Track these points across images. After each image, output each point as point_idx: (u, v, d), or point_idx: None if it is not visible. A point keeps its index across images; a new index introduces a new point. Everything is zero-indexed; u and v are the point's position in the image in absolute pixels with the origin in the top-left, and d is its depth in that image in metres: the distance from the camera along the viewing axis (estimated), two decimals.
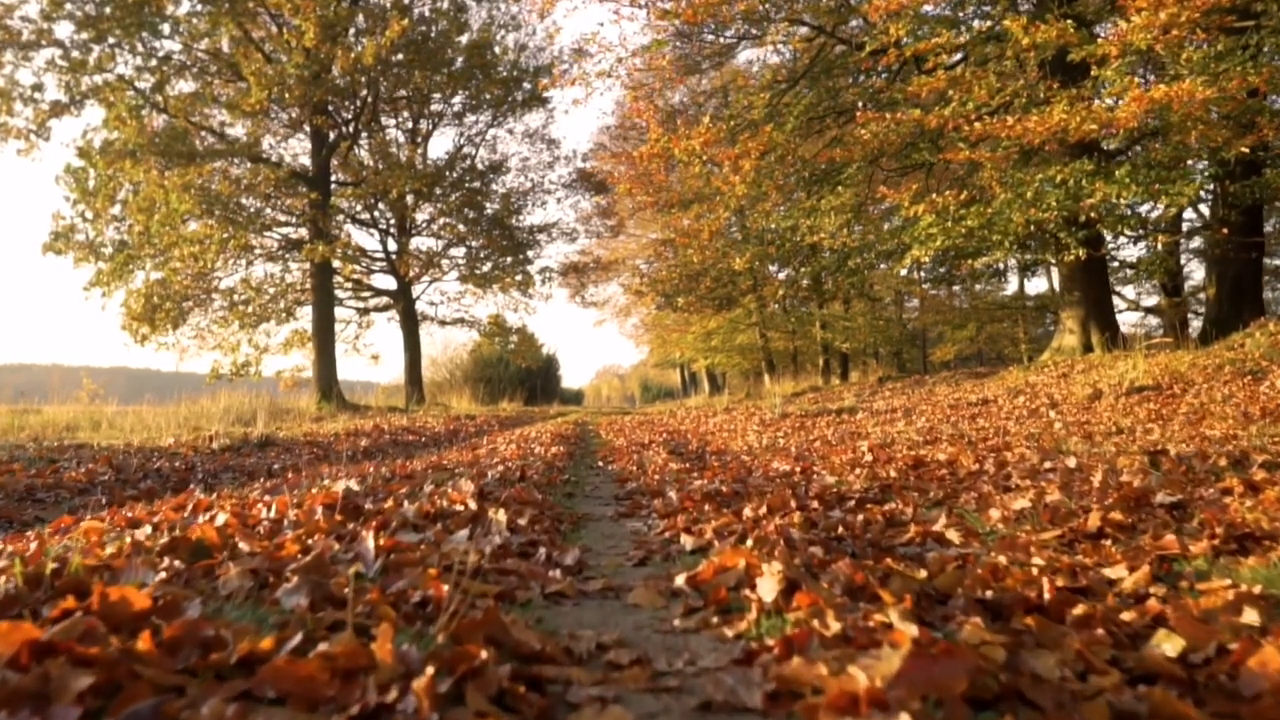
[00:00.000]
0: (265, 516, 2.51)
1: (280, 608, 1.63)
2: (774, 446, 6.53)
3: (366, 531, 2.18)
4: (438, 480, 3.54)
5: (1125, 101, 9.41)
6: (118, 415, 14.88)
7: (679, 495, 3.49)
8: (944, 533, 2.47)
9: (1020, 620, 1.51)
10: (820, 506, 2.97)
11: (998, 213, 11.81)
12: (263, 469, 5.45)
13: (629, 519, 3.42)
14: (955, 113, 11.18)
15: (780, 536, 2.24)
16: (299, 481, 3.90)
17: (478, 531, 2.42)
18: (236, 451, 6.67)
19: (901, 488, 3.56)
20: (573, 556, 2.34)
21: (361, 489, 3.19)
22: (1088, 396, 9.64)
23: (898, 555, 2.13)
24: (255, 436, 7.75)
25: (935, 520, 2.63)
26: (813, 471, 4.31)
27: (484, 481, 3.66)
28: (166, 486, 4.73)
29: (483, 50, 23.47)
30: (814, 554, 2.00)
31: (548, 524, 2.87)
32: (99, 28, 19.69)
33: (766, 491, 3.41)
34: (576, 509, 3.70)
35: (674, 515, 3.06)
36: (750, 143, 12.37)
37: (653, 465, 5.25)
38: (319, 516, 2.43)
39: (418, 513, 2.56)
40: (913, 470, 4.12)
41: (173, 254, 21.23)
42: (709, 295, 21.69)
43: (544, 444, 7.04)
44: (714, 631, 1.68)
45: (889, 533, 2.54)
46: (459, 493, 2.98)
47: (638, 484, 4.53)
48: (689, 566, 2.17)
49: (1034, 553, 1.98)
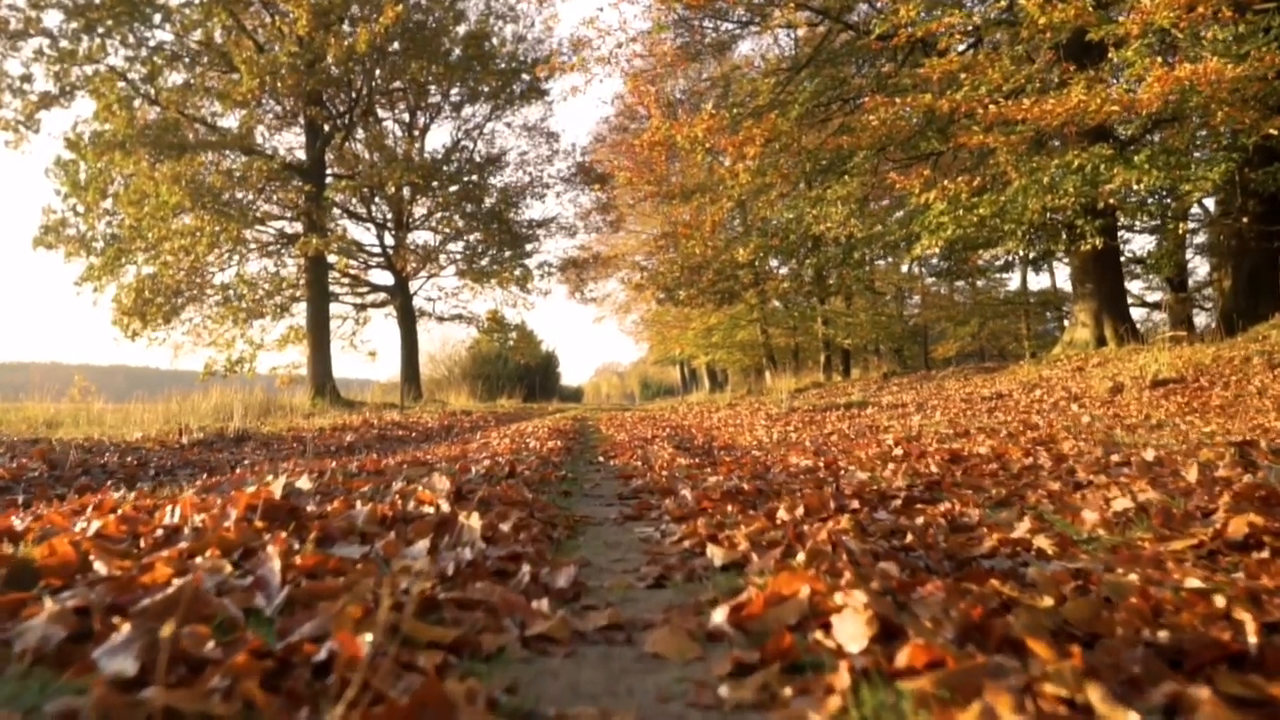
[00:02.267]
0: (166, 522, 1.98)
1: (93, 675, 1.07)
2: (786, 441, 6.14)
3: (274, 547, 1.63)
4: (411, 476, 3.07)
5: (1148, 82, 9.02)
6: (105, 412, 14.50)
7: (694, 494, 3.02)
8: (1031, 540, 2.01)
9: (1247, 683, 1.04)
10: (863, 507, 2.53)
11: (1010, 200, 11.42)
12: (227, 464, 5.03)
13: (636, 522, 2.94)
14: (967, 97, 10.80)
15: (837, 548, 1.79)
16: (247, 477, 3.34)
17: (444, 542, 1.90)
18: (208, 446, 6.22)
19: (952, 484, 3.14)
20: (566, 577, 1.80)
21: (314, 486, 2.70)
22: (1109, 390, 9.25)
23: (983, 569, 1.70)
24: (232, 431, 7.32)
25: (1009, 524, 2.19)
26: (838, 467, 3.90)
27: (466, 478, 3.21)
28: (111, 482, 4.26)
29: (480, 41, 23.08)
30: (886, 572, 1.53)
31: (537, 530, 2.37)
32: (89, 16, 19.30)
33: (795, 489, 2.99)
34: (574, 510, 3.26)
35: (692, 518, 2.59)
36: (755, 129, 11.97)
37: (659, 461, 4.79)
38: (230, 523, 1.88)
39: (370, 518, 2.03)
40: (953, 465, 3.70)
41: (163, 248, 20.82)
42: (711, 289, 21.31)
43: (540, 439, 6.64)
44: (786, 714, 1.09)
45: (958, 539, 2.08)
46: (430, 492, 2.48)
47: (644, 481, 4.07)
48: (724, 591, 1.66)
49: (1172, 569, 1.53)
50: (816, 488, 2.95)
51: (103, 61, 20.01)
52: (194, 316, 23.72)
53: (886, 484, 3.10)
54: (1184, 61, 8.95)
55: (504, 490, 2.94)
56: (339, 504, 2.19)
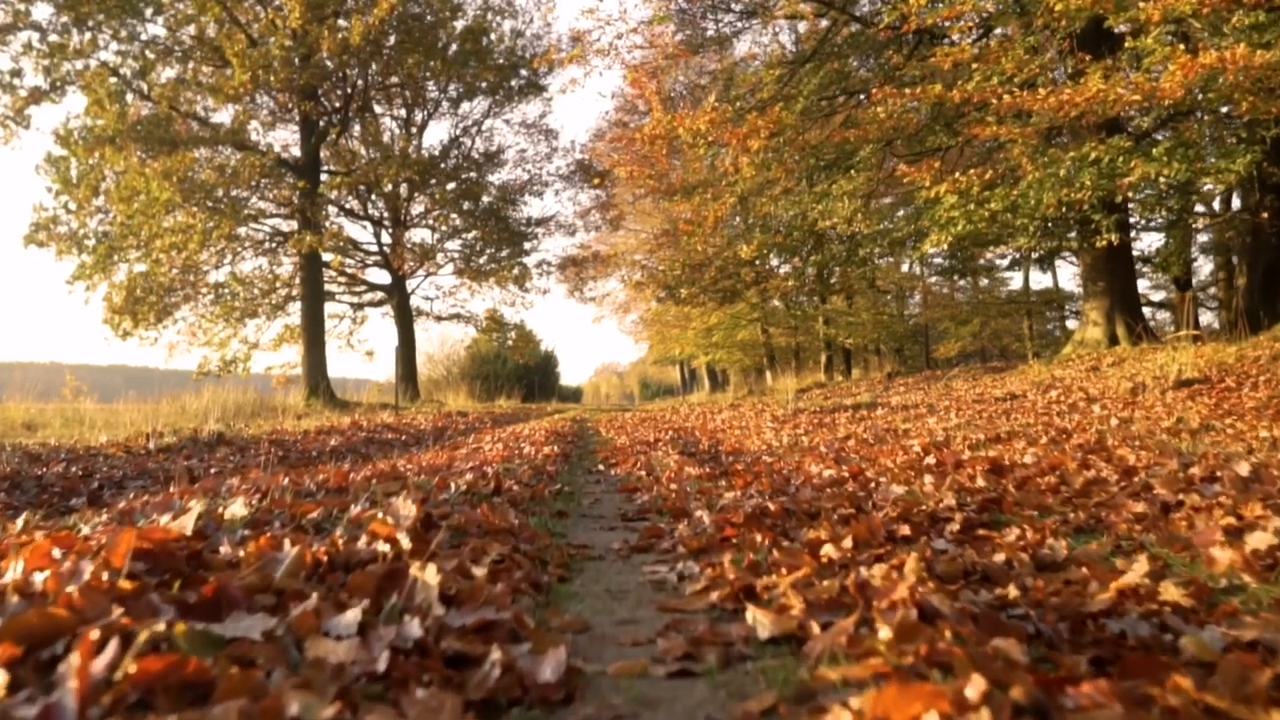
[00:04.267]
0: (7, 579, 1.42)
1: None
2: (799, 446, 5.77)
3: (77, 656, 0.99)
4: (378, 495, 2.58)
5: (1170, 70, 8.65)
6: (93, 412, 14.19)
7: (712, 518, 2.57)
8: (1156, 589, 1.56)
9: None
10: (915, 534, 2.14)
11: (1022, 195, 11.07)
12: (189, 473, 4.61)
13: (644, 554, 2.50)
14: (979, 87, 10.44)
15: (923, 609, 1.34)
16: (174, 500, 2.73)
17: (389, 606, 1.35)
18: (176, 452, 5.80)
19: (1013, 504, 2.70)
20: (554, 665, 1.28)
21: (249, 513, 2.12)
22: (1128, 390, 8.89)
23: (1109, 635, 1.30)
24: (207, 434, 6.90)
25: (1108, 560, 1.78)
26: (866, 478, 3.50)
27: (441, 497, 2.74)
28: (44, 498, 3.84)
29: (478, 36, 22.74)
30: (1008, 655, 1.08)
31: (521, 575, 1.85)
32: (79, 10, 18.92)
33: (827, 507, 2.60)
34: (569, 535, 2.86)
35: (714, 552, 2.14)
36: (759, 121, 11.61)
37: (666, 471, 4.37)
38: (81, 583, 1.28)
39: (295, 567, 1.48)
40: (998, 477, 3.30)
41: (155, 245, 20.46)
42: (713, 287, 20.94)
43: (536, 443, 6.26)
44: None
45: (1055, 586, 1.61)
46: (389, 522, 1.87)
47: (650, 497, 3.68)
48: (783, 690, 1.19)
49: None
50: (852, 506, 2.57)
51: (94, 56, 19.65)
52: (188, 316, 23.42)
53: (932, 501, 2.69)
54: (1207, 49, 8.58)
55: (484, 515, 2.45)
56: (264, 542, 1.66)
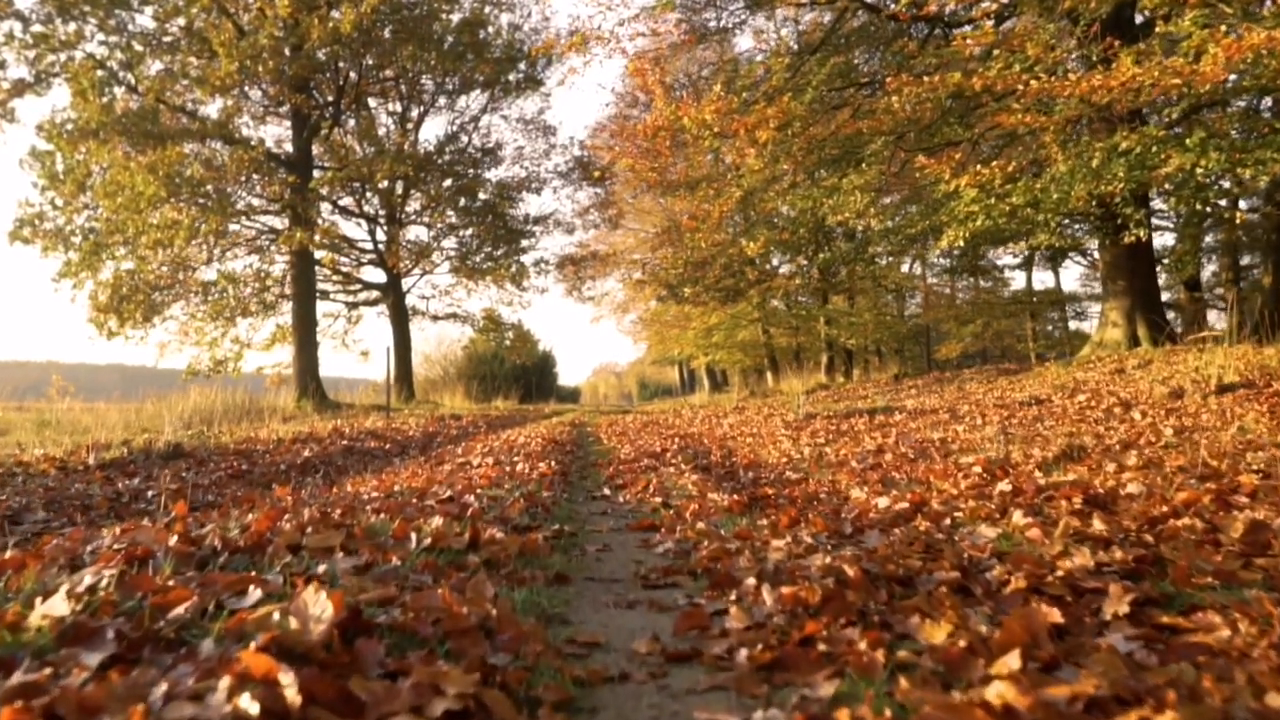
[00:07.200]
0: None
1: None
2: (823, 459, 5.18)
3: None
4: (308, 552, 1.93)
5: (1211, 53, 8.09)
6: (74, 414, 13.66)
7: (774, 596, 1.85)
8: None
9: None
10: (1069, 622, 1.50)
11: (1044, 189, 10.50)
12: (110, 506, 3.95)
13: (687, 667, 1.69)
14: (1000, 74, 9.87)
15: None
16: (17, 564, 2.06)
17: None
18: (120, 469, 5.11)
19: (1187, 572, 1.95)
20: None
21: (69, 613, 1.39)
22: (1166, 395, 8.33)
23: None
24: (162, 445, 6.19)
25: None
26: (936, 512, 2.84)
27: (396, 559, 1.95)
28: None
29: (475, 29, 22.16)
30: None
31: None
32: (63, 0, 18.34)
33: (913, 564, 1.97)
34: (572, 616, 2.09)
35: (793, 668, 1.46)
36: (768, 111, 11.03)
37: (684, 499, 3.68)
38: None
39: None
40: (1106, 513, 2.66)
41: (140, 241, 19.89)
42: (716, 285, 20.36)
43: (531, 457, 5.62)
44: None
45: None
46: (269, 653, 1.14)
47: (673, 542, 3.01)
48: None
49: None
50: (950, 566, 1.95)
51: (80, 47, 19.05)
52: (178, 314, 22.84)
53: (1047, 556, 2.04)
54: (1252, 29, 8.02)
55: (444, 601, 1.63)
56: None
